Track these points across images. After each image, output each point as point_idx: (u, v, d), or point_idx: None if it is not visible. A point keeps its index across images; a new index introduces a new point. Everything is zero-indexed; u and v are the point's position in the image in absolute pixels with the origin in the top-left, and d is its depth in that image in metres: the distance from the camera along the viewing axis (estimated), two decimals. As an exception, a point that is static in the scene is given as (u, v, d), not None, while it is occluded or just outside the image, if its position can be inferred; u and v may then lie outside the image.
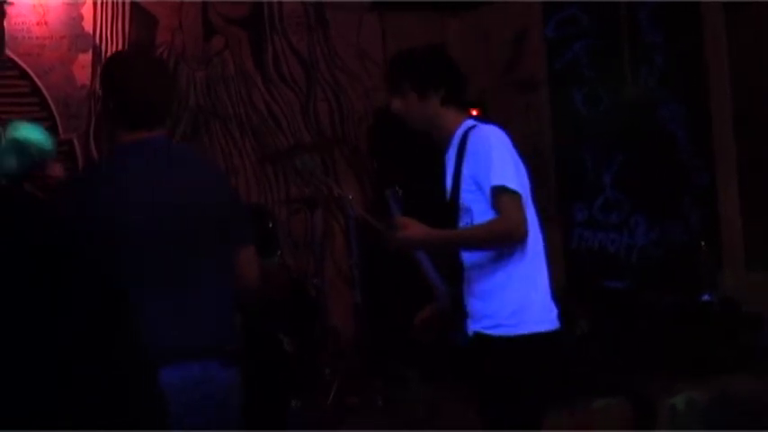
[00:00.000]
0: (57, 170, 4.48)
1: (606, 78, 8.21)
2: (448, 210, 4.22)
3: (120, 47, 7.33)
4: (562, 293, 7.92)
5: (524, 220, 4.01)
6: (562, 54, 8.48)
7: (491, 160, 4.07)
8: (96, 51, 7.24)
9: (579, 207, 8.32)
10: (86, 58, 7.21)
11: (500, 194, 3.99)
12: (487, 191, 4.05)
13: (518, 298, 4.13)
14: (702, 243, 7.36)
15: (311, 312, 6.91)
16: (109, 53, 7.20)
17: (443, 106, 4.27)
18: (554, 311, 4.31)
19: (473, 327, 4.19)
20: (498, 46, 8.73)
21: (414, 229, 4.13)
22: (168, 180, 3.75)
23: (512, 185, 3.98)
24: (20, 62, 7.04)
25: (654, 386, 6.38)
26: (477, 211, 4.10)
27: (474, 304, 4.21)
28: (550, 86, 8.52)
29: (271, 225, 6.75)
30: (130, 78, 3.76)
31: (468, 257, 4.20)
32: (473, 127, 4.22)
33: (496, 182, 3.98)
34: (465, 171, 4.18)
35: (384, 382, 6.76)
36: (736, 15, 7.88)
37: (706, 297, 7.14)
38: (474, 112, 8.18)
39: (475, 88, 8.48)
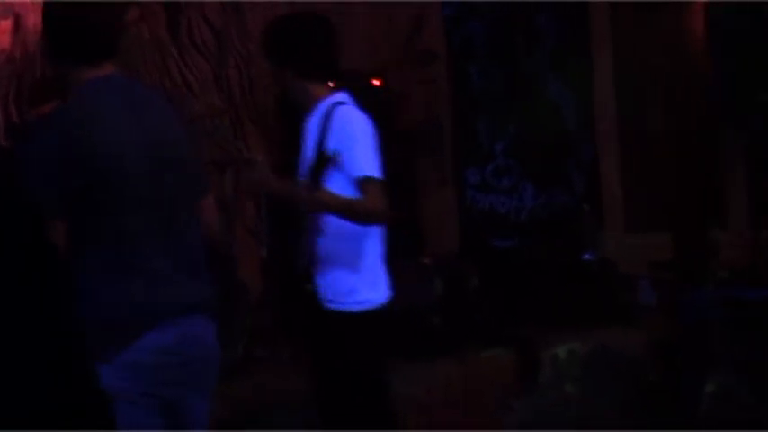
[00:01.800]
0: None
1: (500, 55, 8.30)
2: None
3: (38, 15, 7.22)
4: (456, 251, 8.11)
5: (386, 208, 4.00)
6: (459, 31, 8.50)
7: (359, 147, 4.02)
8: (16, 19, 7.11)
9: (473, 172, 8.40)
10: (7, 24, 7.08)
11: (367, 182, 3.96)
12: (354, 176, 3.99)
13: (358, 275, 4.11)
14: (585, 207, 7.51)
15: (223, 268, 6.92)
16: (28, 20, 7.08)
17: (300, 79, 4.15)
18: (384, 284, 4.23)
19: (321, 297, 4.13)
20: (399, 21, 8.65)
21: (263, 174, 4.10)
22: (150, 121, 3.43)
23: (378, 174, 3.98)
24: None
25: (538, 338, 6.47)
26: (335, 187, 4.03)
27: (322, 275, 4.14)
28: (448, 61, 8.43)
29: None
30: (83, 8, 3.37)
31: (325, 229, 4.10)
32: (340, 104, 4.12)
33: (365, 171, 3.97)
34: (329, 146, 4.06)
35: (290, 336, 6.79)
36: (621, 2, 8.10)
37: (587, 256, 7.27)
38: (376, 82, 8.30)
39: (377, 60, 8.57)
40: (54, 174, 3.26)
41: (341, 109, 4.11)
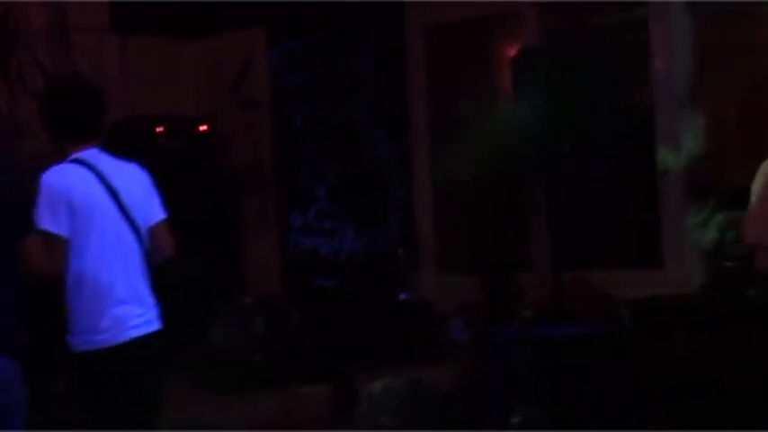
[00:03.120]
0: None
1: (322, 102, 8.34)
2: None
3: None
4: (278, 290, 8.11)
5: (40, 258, 4.10)
6: (284, 79, 8.54)
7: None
8: None
9: (296, 214, 8.40)
10: None
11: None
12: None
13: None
14: (401, 249, 7.57)
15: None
16: None
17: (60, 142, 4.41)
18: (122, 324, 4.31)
19: None
20: (227, 69, 8.76)
21: None
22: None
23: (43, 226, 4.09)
24: None
25: (356, 373, 6.45)
26: None
27: None
28: (272, 107, 8.55)
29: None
30: None
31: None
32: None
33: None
34: None
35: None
36: (435, 49, 8.21)
37: (403, 296, 7.31)
38: (203, 127, 8.28)
39: (204, 106, 8.57)
40: None
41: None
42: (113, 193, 4.32)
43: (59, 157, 4.34)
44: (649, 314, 6.28)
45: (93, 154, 4.38)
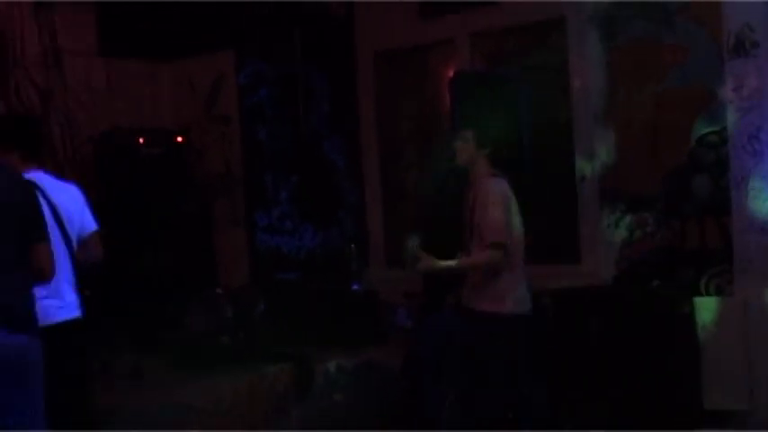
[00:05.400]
0: None
1: (283, 117, 8.25)
2: None
3: None
4: (246, 282, 8.07)
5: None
6: (250, 97, 8.37)
7: None
8: None
9: (261, 216, 8.26)
10: None
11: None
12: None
13: None
14: (352, 246, 7.54)
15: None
16: None
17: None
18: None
19: None
20: (200, 88, 8.60)
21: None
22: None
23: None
24: None
25: (313, 355, 6.43)
26: None
27: None
28: (241, 122, 8.40)
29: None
30: None
31: None
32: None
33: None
34: None
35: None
36: (382, 71, 8.20)
37: (355, 287, 7.28)
38: (180, 139, 8.21)
39: (181, 120, 8.51)
40: None
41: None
42: (53, 208, 4.50)
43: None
44: (568, 302, 6.34)
45: (38, 175, 4.56)
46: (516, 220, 5.47)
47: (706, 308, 6.07)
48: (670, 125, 6.50)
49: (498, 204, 5.30)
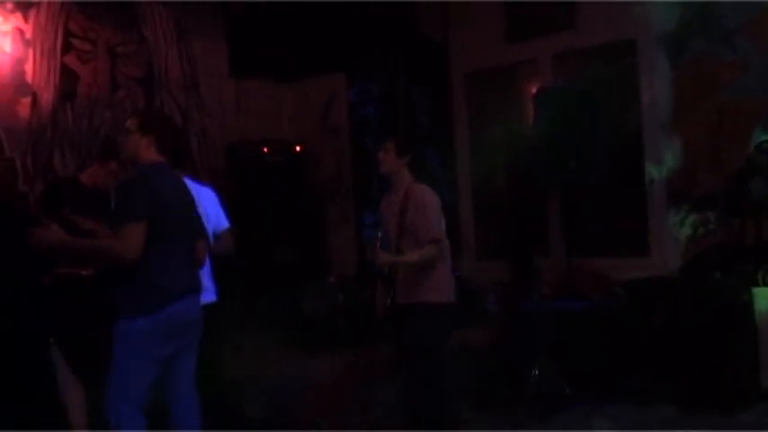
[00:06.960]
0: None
1: (387, 130, 8.18)
2: None
3: (52, 94, 7.14)
4: (354, 273, 8.21)
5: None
6: (359, 111, 8.49)
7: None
8: (34, 96, 7.09)
9: (368, 215, 8.21)
10: (27, 101, 7.04)
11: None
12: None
13: None
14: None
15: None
16: (43, 98, 7.06)
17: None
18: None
19: None
20: (316, 105, 8.72)
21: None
22: (180, 186, 4.30)
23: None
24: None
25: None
26: None
27: None
28: (350, 134, 8.55)
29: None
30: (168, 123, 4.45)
31: None
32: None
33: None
34: None
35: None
36: (474, 91, 8.19)
37: (457, 273, 7.26)
38: (298, 148, 8.34)
39: (299, 132, 8.69)
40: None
41: None
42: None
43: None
44: (639, 291, 6.37)
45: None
46: (443, 221, 5.43)
47: (763, 297, 6.02)
48: (730, 133, 6.56)
49: (434, 207, 5.30)
